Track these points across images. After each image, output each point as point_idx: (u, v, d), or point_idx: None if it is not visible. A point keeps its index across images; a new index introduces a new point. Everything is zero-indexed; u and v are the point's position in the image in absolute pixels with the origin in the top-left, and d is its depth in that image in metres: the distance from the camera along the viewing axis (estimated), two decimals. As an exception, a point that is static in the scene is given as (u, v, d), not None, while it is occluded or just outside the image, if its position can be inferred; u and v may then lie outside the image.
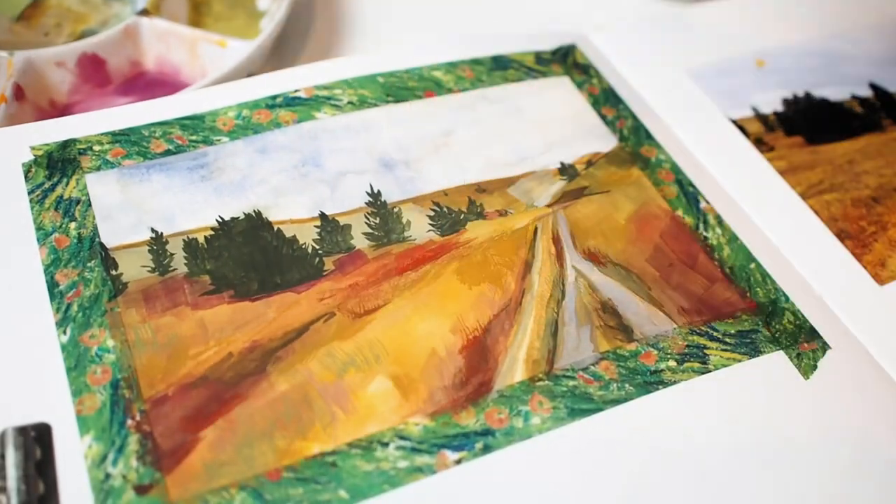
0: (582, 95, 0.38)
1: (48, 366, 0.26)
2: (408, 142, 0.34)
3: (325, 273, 0.30)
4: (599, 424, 0.27)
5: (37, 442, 0.24)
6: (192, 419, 0.26)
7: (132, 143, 0.33)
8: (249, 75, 0.38)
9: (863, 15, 0.43)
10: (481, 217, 0.32)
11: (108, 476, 0.24)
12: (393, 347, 0.28)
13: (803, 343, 0.29)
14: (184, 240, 0.30)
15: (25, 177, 0.31)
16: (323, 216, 0.31)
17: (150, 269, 0.29)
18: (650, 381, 0.28)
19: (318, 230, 0.31)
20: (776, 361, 0.29)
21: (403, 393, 0.27)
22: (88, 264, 0.29)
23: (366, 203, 0.32)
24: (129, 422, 0.25)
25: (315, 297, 0.29)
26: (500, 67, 0.38)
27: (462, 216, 0.32)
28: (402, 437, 0.26)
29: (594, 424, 0.27)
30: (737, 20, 0.43)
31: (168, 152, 0.32)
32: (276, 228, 0.31)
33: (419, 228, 0.31)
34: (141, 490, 0.24)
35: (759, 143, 0.37)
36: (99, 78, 0.39)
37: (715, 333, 0.29)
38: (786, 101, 0.39)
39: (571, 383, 0.28)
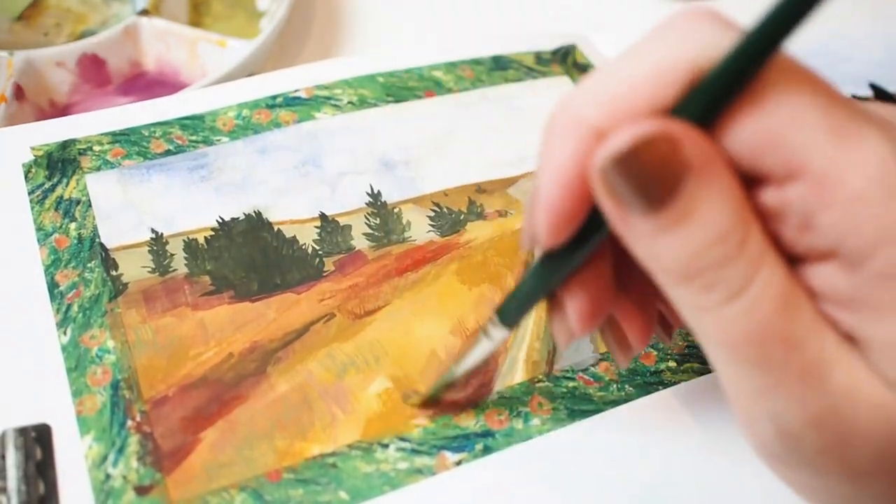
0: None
1: (48, 366, 0.26)
2: (408, 142, 0.34)
3: (325, 274, 0.30)
4: (599, 425, 0.27)
5: (37, 442, 0.25)
6: (193, 420, 0.26)
7: (132, 143, 0.33)
8: (249, 75, 0.38)
9: (863, 15, 0.43)
10: (481, 218, 0.32)
11: (108, 477, 0.24)
12: (393, 349, 0.28)
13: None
14: (184, 240, 0.30)
15: (25, 177, 0.31)
16: (323, 216, 0.31)
17: (150, 269, 0.29)
18: (650, 382, 0.28)
19: (318, 231, 0.31)
20: (776, 362, 0.29)
21: (404, 394, 0.27)
22: (89, 265, 0.29)
23: (366, 203, 0.32)
24: (130, 422, 0.25)
25: (315, 298, 0.29)
26: (501, 67, 0.38)
27: (462, 217, 0.32)
28: (402, 439, 0.26)
29: (594, 426, 0.27)
30: (736, 20, 0.43)
31: (168, 152, 0.32)
32: (276, 229, 0.31)
33: (419, 229, 0.31)
34: (141, 491, 0.24)
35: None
36: (99, 78, 0.39)
37: (715, 334, 0.29)
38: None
39: (571, 384, 0.28)
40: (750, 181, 0.18)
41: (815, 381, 0.18)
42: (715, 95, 0.17)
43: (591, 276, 0.21)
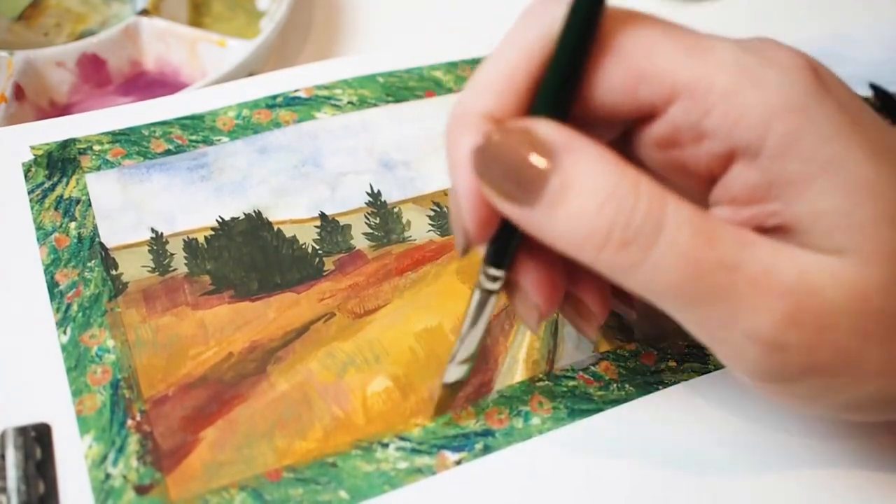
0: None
1: (48, 366, 0.26)
2: (408, 142, 0.34)
3: (325, 273, 0.30)
4: (599, 425, 0.27)
5: (37, 442, 0.25)
6: (193, 419, 0.26)
7: (132, 142, 0.33)
8: (249, 75, 0.38)
9: (863, 15, 0.43)
10: (481, 217, 0.32)
11: (108, 476, 0.24)
12: (393, 348, 0.28)
13: (803, 343, 0.29)
14: (184, 240, 0.30)
15: (25, 177, 0.31)
16: (323, 216, 0.31)
17: (150, 269, 0.29)
18: (650, 382, 0.28)
19: (318, 230, 0.31)
20: (776, 362, 0.29)
21: (403, 393, 0.27)
22: (88, 264, 0.29)
23: (366, 203, 0.32)
24: (130, 422, 0.25)
25: (315, 298, 0.29)
26: (500, 67, 0.38)
27: (462, 216, 0.32)
28: (402, 438, 0.26)
29: (594, 425, 0.27)
30: (736, 20, 0.43)
31: (168, 152, 0.32)
32: (276, 228, 0.31)
33: (419, 228, 0.31)
34: (141, 490, 0.24)
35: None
36: (99, 78, 0.39)
37: (715, 334, 0.29)
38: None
39: (571, 383, 0.28)
40: (642, 123, 0.21)
41: (768, 287, 0.19)
42: (561, 72, 0.20)
43: (540, 252, 0.22)
